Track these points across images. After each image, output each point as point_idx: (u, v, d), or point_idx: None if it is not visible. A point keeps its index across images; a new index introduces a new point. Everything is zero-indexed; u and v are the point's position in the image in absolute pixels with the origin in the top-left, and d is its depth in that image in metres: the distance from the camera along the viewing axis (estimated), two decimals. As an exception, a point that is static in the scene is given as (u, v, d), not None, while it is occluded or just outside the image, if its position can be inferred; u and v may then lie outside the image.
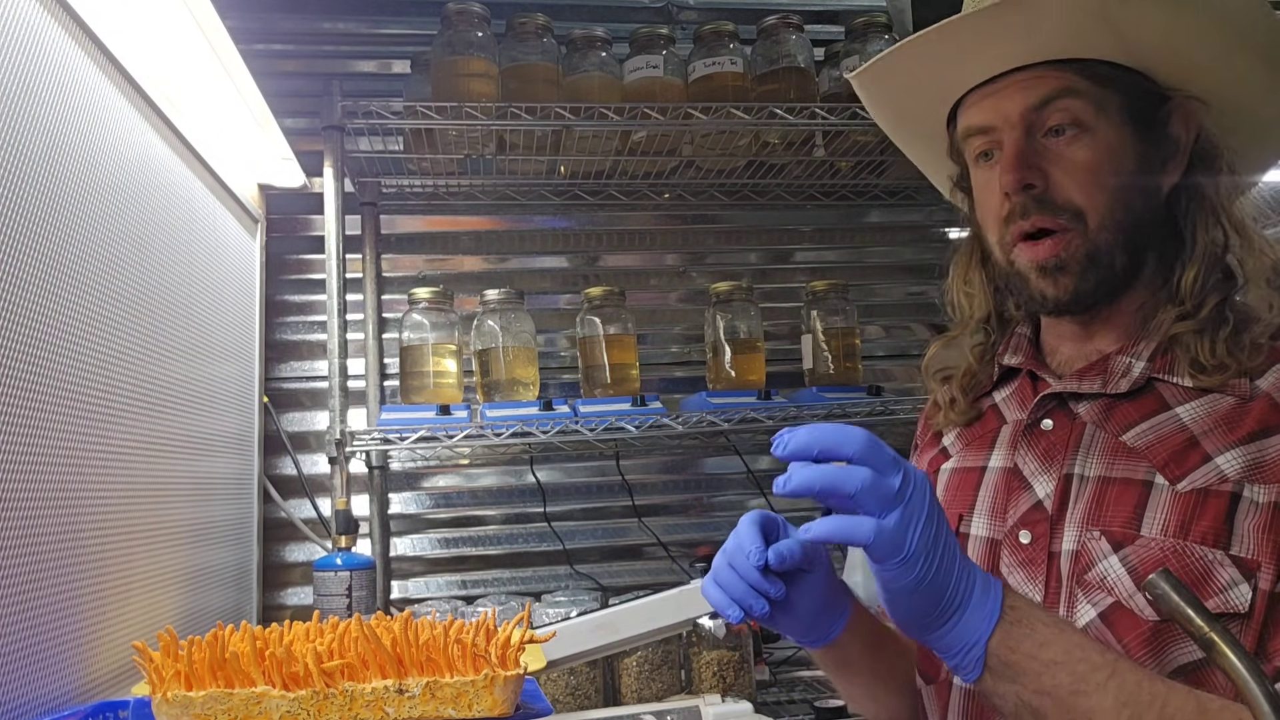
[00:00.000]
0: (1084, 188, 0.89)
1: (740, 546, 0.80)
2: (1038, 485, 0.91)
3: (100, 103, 1.14)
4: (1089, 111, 0.89)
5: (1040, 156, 0.90)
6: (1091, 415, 0.91)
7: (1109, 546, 0.84)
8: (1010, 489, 0.94)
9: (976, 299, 1.05)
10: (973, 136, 0.96)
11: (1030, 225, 0.90)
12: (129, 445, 1.19)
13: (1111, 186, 0.89)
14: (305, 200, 1.94)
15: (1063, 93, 0.89)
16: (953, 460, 1.03)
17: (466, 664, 0.89)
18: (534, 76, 1.78)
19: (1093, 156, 0.89)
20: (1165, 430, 0.86)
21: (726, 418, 1.74)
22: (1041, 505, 0.90)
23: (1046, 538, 0.89)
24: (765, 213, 2.17)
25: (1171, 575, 0.66)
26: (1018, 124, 0.91)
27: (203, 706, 0.85)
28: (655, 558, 2.04)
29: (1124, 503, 0.85)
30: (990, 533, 0.94)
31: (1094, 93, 0.89)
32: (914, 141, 1.10)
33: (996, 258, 0.97)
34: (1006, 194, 0.91)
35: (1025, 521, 0.91)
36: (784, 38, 1.90)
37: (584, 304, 1.86)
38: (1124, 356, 0.91)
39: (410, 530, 1.98)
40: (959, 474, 1.01)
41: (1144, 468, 0.85)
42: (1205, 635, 0.62)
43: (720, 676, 1.56)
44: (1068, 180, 0.89)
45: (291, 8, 2.02)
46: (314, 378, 1.95)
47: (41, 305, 0.97)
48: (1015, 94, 0.91)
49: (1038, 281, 0.91)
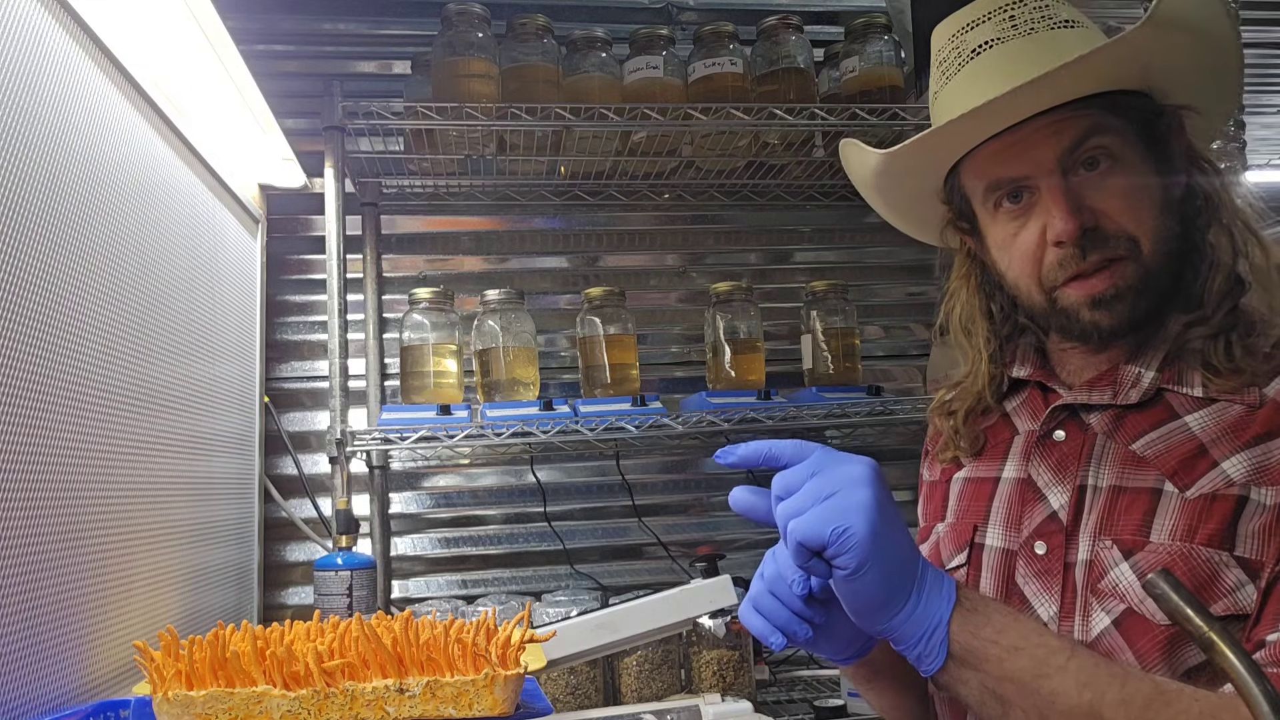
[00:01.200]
0: (1134, 215, 0.88)
1: (781, 575, 0.78)
2: (1052, 496, 0.92)
3: (101, 103, 1.14)
4: (1117, 143, 0.89)
5: (1084, 195, 0.88)
6: (1102, 426, 0.91)
7: (1120, 554, 0.85)
8: (1024, 500, 0.94)
9: (980, 339, 1.03)
10: (995, 189, 0.93)
11: (1090, 266, 0.88)
12: (129, 445, 1.19)
13: (1156, 208, 0.89)
14: (306, 200, 1.94)
15: (1092, 131, 0.89)
16: (965, 470, 1.03)
17: (467, 663, 0.89)
18: (534, 77, 1.79)
19: (1130, 183, 0.89)
20: (1174, 439, 0.87)
21: (726, 418, 1.74)
22: (1056, 516, 0.90)
23: (1062, 549, 0.89)
24: (765, 213, 2.17)
25: (1171, 575, 0.66)
26: (1054, 170, 0.89)
27: (204, 706, 0.85)
28: (655, 558, 2.04)
29: (1134, 511, 0.86)
30: (1005, 544, 0.94)
31: (1116, 124, 0.89)
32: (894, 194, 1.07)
33: (1026, 298, 0.95)
34: (1059, 242, 0.88)
35: (1040, 533, 0.91)
36: (784, 38, 1.90)
37: (584, 304, 1.86)
38: (1133, 366, 0.91)
39: (411, 530, 1.98)
40: (972, 484, 1.01)
41: (1154, 476, 0.86)
42: (1205, 635, 0.62)
43: (720, 676, 1.56)
44: (1116, 211, 0.88)
45: (292, 8, 2.02)
46: (314, 378, 1.95)
47: (43, 305, 0.97)
48: (1046, 140, 0.89)
49: (1090, 314, 0.89)
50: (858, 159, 1.04)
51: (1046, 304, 0.92)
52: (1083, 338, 0.93)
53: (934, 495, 1.08)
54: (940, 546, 1.03)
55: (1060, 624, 0.88)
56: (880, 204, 1.10)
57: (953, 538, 1.01)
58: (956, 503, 1.02)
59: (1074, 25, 0.92)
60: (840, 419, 1.82)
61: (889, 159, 0.98)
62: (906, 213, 1.09)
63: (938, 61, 0.98)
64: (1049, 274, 0.91)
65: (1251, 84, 2.58)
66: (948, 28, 0.97)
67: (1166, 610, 0.65)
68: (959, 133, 0.91)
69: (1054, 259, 0.90)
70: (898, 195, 1.06)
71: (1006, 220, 0.93)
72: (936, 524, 1.05)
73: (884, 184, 1.05)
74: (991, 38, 0.92)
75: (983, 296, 1.03)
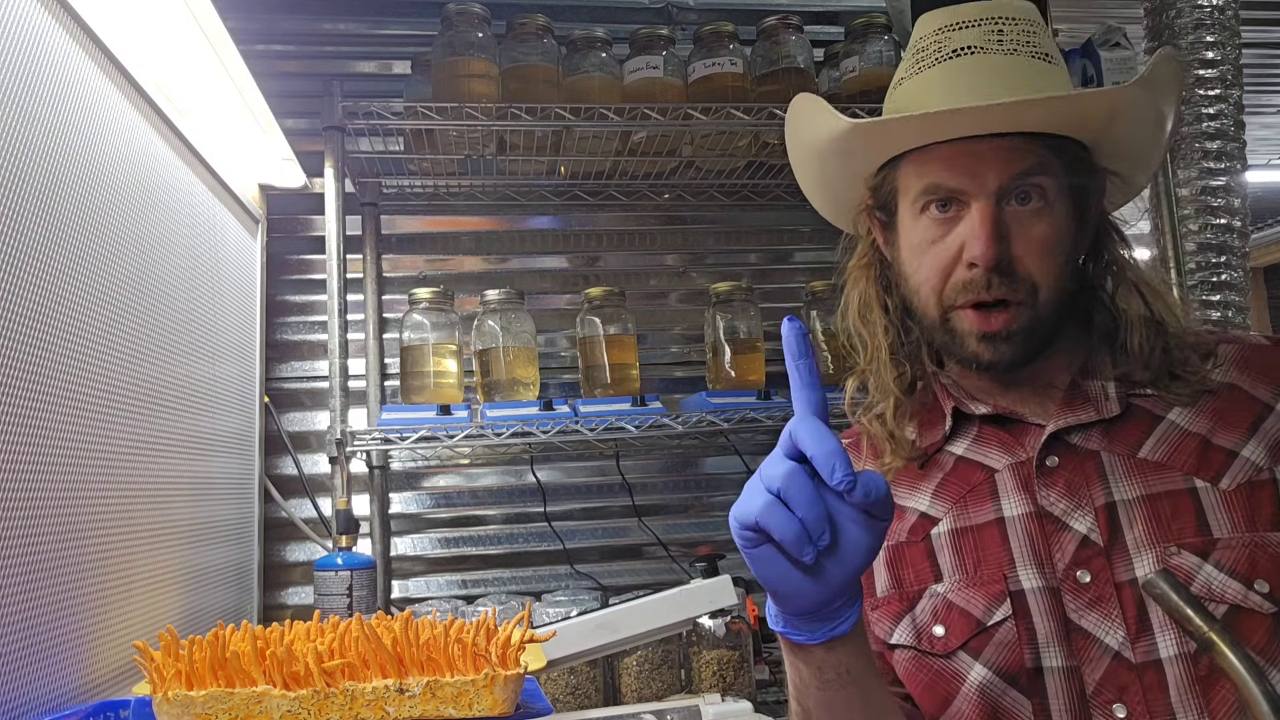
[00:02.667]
0: (1042, 262, 0.89)
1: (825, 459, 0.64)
2: (1074, 522, 0.89)
3: (101, 103, 1.14)
4: (1054, 187, 0.90)
5: (1008, 227, 0.89)
6: (1093, 443, 0.90)
7: (1195, 558, 0.84)
8: (1045, 533, 0.90)
9: (878, 328, 1.02)
10: (930, 193, 0.92)
11: (992, 298, 0.89)
12: (129, 445, 1.19)
13: (1062, 260, 0.91)
14: (306, 200, 1.94)
15: (1038, 168, 0.89)
16: (945, 522, 0.95)
17: (467, 663, 0.89)
18: (534, 77, 1.79)
19: (1051, 231, 0.90)
20: (1173, 438, 0.88)
21: (726, 418, 1.74)
22: (1089, 541, 0.88)
23: (1107, 571, 0.86)
24: (765, 213, 2.17)
25: (1171, 575, 0.66)
26: (993, 193, 0.89)
27: (204, 706, 0.85)
28: (655, 558, 2.04)
29: (1182, 513, 0.85)
30: (1045, 582, 0.89)
31: (1058, 169, 0.90)
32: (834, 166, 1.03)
33: (922, 307, 0.94)
34: (973, 264, 0.89)
35: (1078, 561, 0.88)
36: (784, 38, 1.90)
37: (584, 304, 1.86)
38: (1094, 381, 0.93)
39: (411, 530, 1.98)
40: (970, 533, 0.94)
41: (1179, 477, 0.86)
42: (1205, 635, 0.62)
43: (720, 676, 1.56)
44: (1028, 255, 0.89)
45: (292, 8, 2.02)
46: (314, 378, 1.95)
47: (43, 305, 0.97)
48: (994, 163, 0.89)
49: (976, 346, 0.91)
50: (814, 120, 1.00)
51: (939, 319, 0.93)
52: (961, 362, 0.94)
53: (907, 557, 0.97)
54: (951, 609, 0.92)
55: (1135, 647, 0.84)
56: (814, 174, 1.06)
57: (980, 592, 0.91)
58: (955, 557, 0.94)
59: (1051, 60, 0.92)
60: (840, 419, 1.81)
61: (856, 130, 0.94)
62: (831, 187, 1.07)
63: (916, 49, 0.97)
64: (951, 292, 0.91)
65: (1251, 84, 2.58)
66: (935, 20, 0.96)
67: (1167, 610, 0.65)
68: (929, 126, 0.90)
69: (961, 279, 0.90)
70: (836, 169, 1.03)
71: (929, 226, 0.92)
72: (928, 585, 0.94)
73: (829, 153, 1.01)
74: (976, 45, 0.92)
75: (879, 289, 1.03)
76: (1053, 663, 0.87)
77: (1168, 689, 0.83)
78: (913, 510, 0.98)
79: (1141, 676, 0.84)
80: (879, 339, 1.01)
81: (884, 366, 1.01)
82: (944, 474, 0.97)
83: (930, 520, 0.96)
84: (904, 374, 1.01)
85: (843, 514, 0.66)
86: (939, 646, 0.92)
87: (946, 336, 0.93)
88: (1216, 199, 1.68)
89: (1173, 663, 0.83)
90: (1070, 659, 0.87)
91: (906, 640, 0.94)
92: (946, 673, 0.91)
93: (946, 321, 0.92)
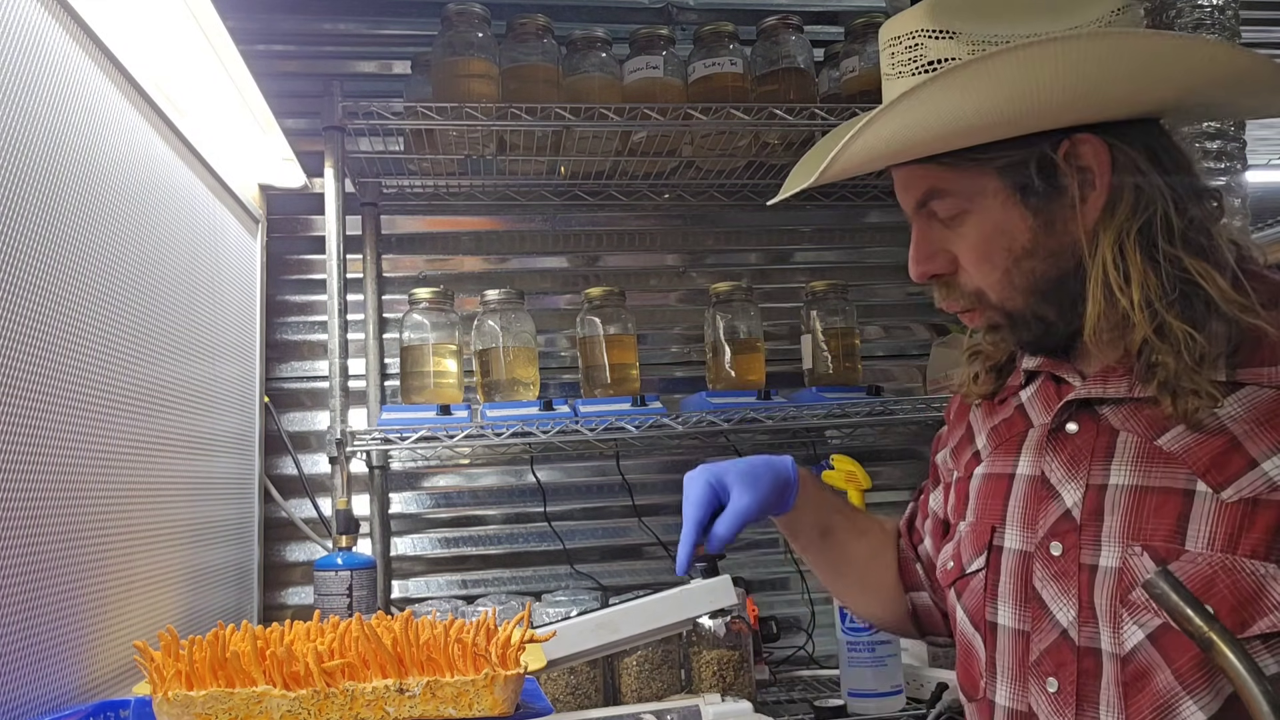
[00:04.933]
0: (977, 269, 0.90)
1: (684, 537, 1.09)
2: (1065, 493, 0.88)
3: (101, 103, 1.14)
4: (960, 203, 0.89)
5: (940, 242, 0.92)
6: (1119, 419, 0.87)
7: (1151, 563, 0.80)
8: (1039, 498, 0.91)
9: None
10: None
11: (945, 308, 0.95)
12: (129, 445, 1.19)
13: (1004, 263, 0.88)
14: (306, 200, 1.94)
15: (930, 194, 0.91)
16: (984, 465, 1.01)
17: (467, 663, 0.89)
18: (534, 77, 1.79)
19: (980, 237, 0.89)
20: (1204, 431, 0.82)
21: (726, 418, 1.74)
22: (1070, 515, 0.87)
23: (1077, 549, 0.86)
24: (765, 213, 2.17)
25: (1171, 575, 0.66)
26: (914, 217, 0.94)
27: (204, 706, 0.85)
28: (655, 558, 2.04)
29: (1165, 514, 0.81)
30: (1022, 545, 0.91)
31: (963, 181, 0.88)
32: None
33: None
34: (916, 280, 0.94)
35: (1055, 532, 0.88)
36: (784, 38, 1.90)
37: (584, 304, 1.86)
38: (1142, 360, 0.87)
39: (411, 530, 1.98)
40: (990, 480, 0.99)
41: (1184, 475, 0.81)
42: (1205, 635, 0.62)
43: (720, 676, 1.56)
44: (962, 264, 0.92)
45: (292, 8, 2.02)
46: (314, 378, 1.95)
47: (42, 305, 0.97)
48: (903, 189, 0.95)
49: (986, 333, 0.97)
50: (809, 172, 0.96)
51: None
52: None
53: (958, 491, 1.05)
54: (960, 548, 1.01)
55: (1080, 629, 0.85)
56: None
57: (972, 540, 0.99)
58: (976, 500, 1.00)
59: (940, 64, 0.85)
60: (840, 419, 1.82)
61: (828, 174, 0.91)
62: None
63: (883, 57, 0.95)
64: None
65: (1251, 84, 2.56)
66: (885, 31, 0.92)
67: (1166, 610, 0.65)
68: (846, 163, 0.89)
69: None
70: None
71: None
72: (960, 522, 1.03)
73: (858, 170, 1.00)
74: (887, 70, 0.92)
75: None
76: (1006, 621, 0.92)
77: (1100, 677, 0.83)
78: (974, 447, 1.04)
79: (1080, 659, 0.85)
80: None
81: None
82: (1003, 418, 1.01)
83: (978, 459, 1.03)
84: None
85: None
86: (944, 578, 1.04)
87: None
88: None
89: (1113, 657, 0.82)
90: (1023, 623, 0.90)
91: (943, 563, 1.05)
92: (950, 603, 1.03)
93: None
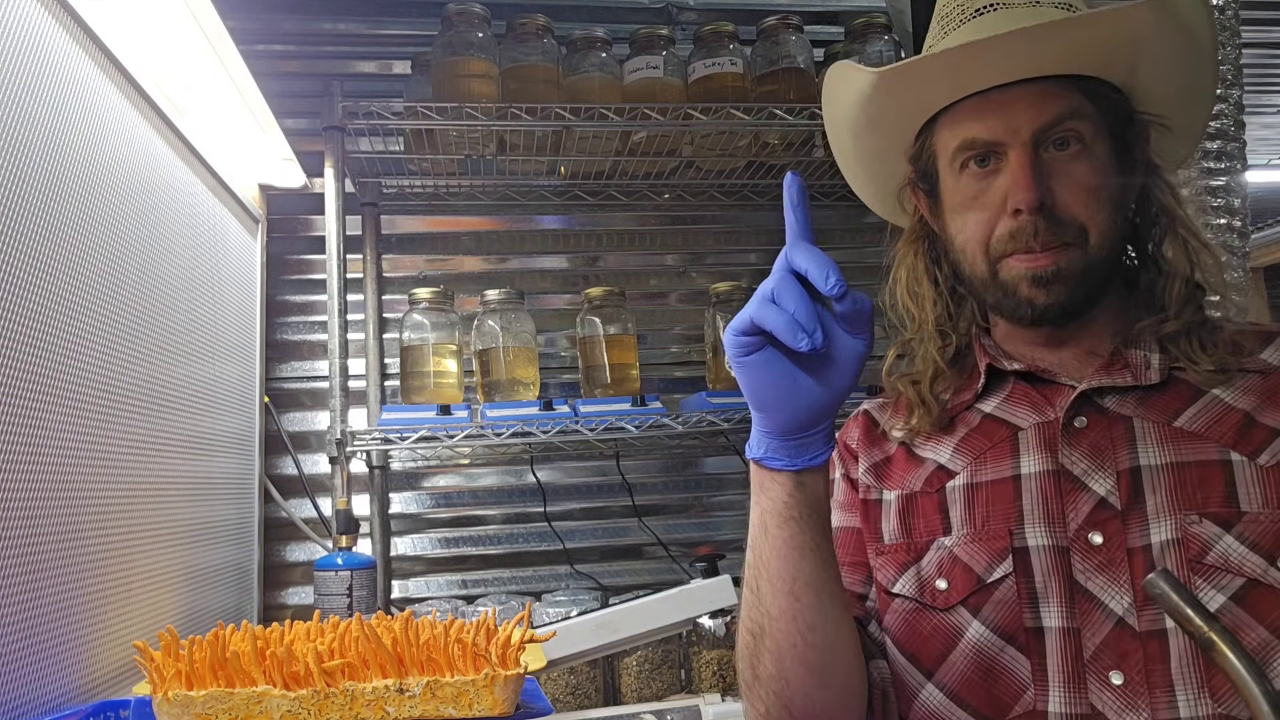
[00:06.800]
0: (1088, 205, 0.90)
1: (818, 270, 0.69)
2: (1094, 483, 0.88)
3: (102, 104, 1.14)
4: (1090, 131, 0.90)
5: (1048, 173, 0.90)
6: (1128, 408, 0.90)
7: (1217, 528, 0.83)
8: (1063, 492, 0.89)
9: (927, 301, 1.03)
10: (967, 148, 0.93)
11: (1039, 244, 0.89)
12: (129, 445, 1.19)
13: (1110, 205, 0.91)
14: (306, 200, 1.94)
15: (1071, 113, 0.90)
16: (962, 476, 0.95)
17: (467, 663, 0.89)
18: (534, 77, 1.79)
19: (1093, 173, 0.90)
20: (1215, 411, 0.87)
21: (726, 418, 1.74)
22: (1106, 503, 0.87)
23: (1121, 535, 0.86)
24: (765, 213, 2.17)
25: (1170, 574, 0.66)
26: (1028, 140, 0.90)
27: (204, 706, 0.85)
28: (655, 558, 2.04)
29: (1211, 484, 0.84)
30: (1053, 540, 0.88)
31: (1092, 111, 0.91)
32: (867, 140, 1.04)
33: (970, 265, 0.95)
34: (1017, 210, 0.89)
35: (1092, 522, 0.87)
36: (784, 38, 1.90)
37: (584, 304, 1.86)
38: (1136, 350, 0.92)
39: (411, 530, 1.98)
40: (983, 489, 0.93)
41: (1214, 448, 0.85)
42: (1205, 635, 0.62)
43: (720, 676, 1.56)
44: (1072, 197, 0.89)
45: (292, 8, 2.02)
46: (314, 378, 1.95)
47: (43, 305, 0.97)
48: (1025, 110, 0.89)
49: (1028, 290, 0.91)
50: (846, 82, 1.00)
51: (988, 273, 0.93)
52: (1015, 314, 0.94)
53: (919, 508, 0.97)
54: (955, 563, 0.92)
55: (1140, 614, 0.83)
56: (851, 151, 1.07)
57: (984, 548, 0.91)
58: (965, 511, 0.93)
59: (1073, 9, 0.92)
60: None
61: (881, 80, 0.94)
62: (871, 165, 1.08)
63: (940, 17, 0.97)
64: (998, 243, 0.92)
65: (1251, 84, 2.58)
66: None
67: (1166, 609, 0.65)
68: (948, 70, 0.90)
69: (1006, 229, 0.91)
70: (871, 142, 1.04)
71: (970, 181, 0.93)
72: (936, 538, 0.94)
73: (862, 123, 1.02)
74: (999, 1, 0.93)
75: (928, 262, 1.04)
76: (1052, 623, 0.87)
77: (1169, 660, 0.82)
78: (931, 461, 0.98)
79: (1145, 645, 0.83)
80: (926, 312, 1.03)
81: (930, 338, 1.03)
82: (969, 430, 0.98)
83: (947, 473, 0.96)
84: (949, 345, 1.02)
85: (833, 323, 0.72)
86: (940, 601, 0.92)
87: (998, 290, 0.93)
88: (1216, 199, 1.68)
89: (1177, 633, 0.82)
90: (1071, 620, 0.86)
91: (909, 591, 0.94)
92: (945, 627, 0.92)
93: (996, 274, 0.93)
